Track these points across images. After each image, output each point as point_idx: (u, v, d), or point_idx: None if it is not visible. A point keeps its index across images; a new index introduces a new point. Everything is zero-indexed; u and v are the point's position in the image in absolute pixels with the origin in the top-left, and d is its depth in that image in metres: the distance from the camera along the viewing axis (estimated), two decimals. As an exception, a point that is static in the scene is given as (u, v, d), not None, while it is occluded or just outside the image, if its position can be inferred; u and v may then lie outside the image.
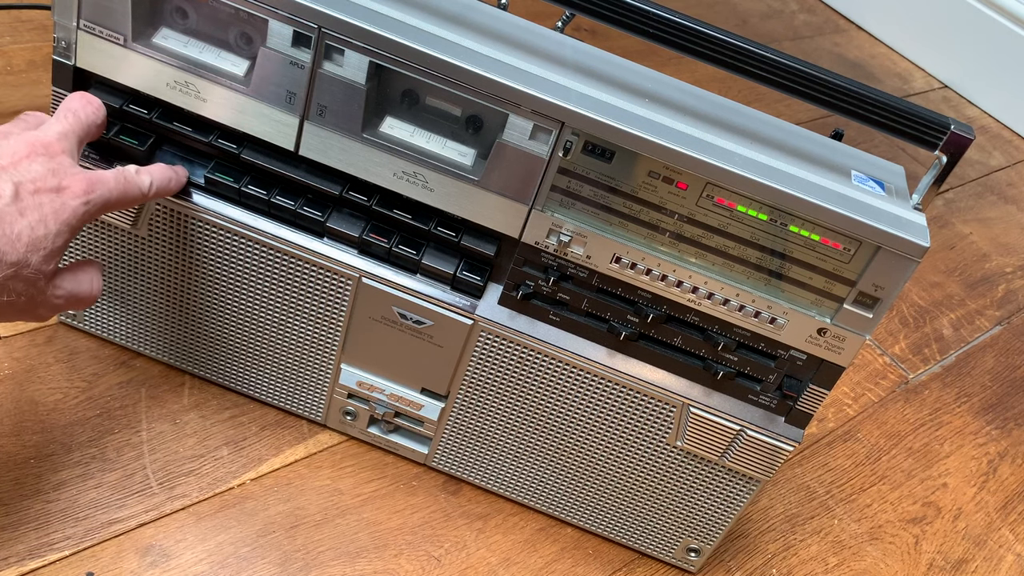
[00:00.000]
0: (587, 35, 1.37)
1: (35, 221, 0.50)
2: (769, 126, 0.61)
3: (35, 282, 0.51)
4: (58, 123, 0.56)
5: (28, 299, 0.52)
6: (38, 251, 0.50)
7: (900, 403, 0.99)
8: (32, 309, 0.53)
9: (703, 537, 0.72)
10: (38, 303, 0.53)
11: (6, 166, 0.51)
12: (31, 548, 0.62)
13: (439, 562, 0.70)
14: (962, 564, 0.85)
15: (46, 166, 0.52)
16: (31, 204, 0.50)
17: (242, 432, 0.73)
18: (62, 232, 0.52)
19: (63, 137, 0.55)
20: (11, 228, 0.49)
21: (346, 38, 0.55)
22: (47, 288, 0.53)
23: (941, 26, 1.68)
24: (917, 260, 0.56)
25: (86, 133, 0.57)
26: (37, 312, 0.54)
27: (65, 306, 0.56)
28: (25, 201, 0.50)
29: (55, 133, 0.55)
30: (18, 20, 1.02)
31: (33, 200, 0.51)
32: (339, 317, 0.67)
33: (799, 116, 1.39)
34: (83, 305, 0.57)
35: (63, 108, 0.57)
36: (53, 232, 0.51)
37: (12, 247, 0.49)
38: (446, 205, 0.61)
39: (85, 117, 0.57)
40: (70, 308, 0.57)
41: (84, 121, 0.57)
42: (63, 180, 0.52)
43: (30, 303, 0.52)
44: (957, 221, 1.32)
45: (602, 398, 0.66)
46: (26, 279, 0.51)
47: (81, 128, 0.56)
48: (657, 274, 0.60)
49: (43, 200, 0.51)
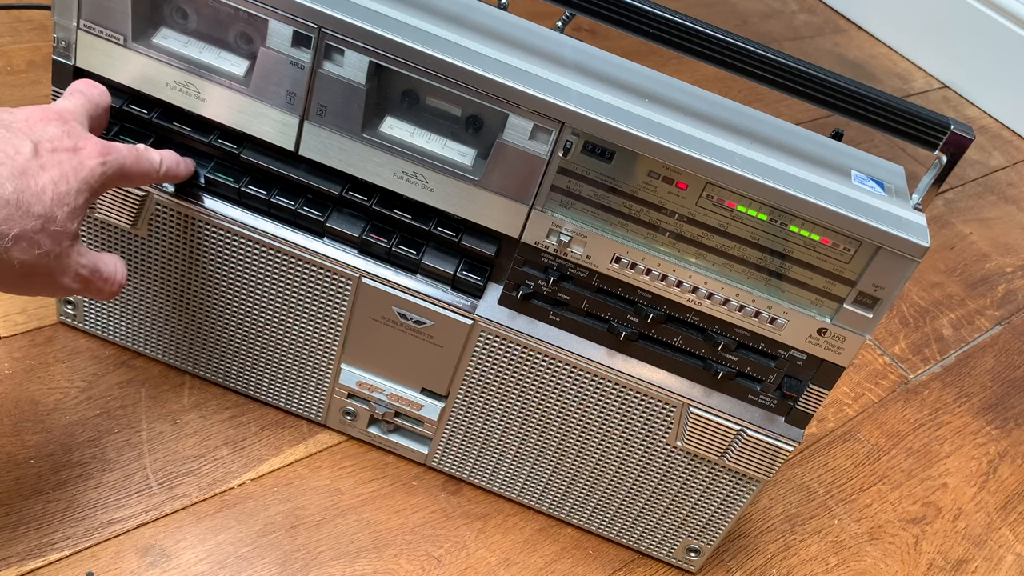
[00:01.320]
0: (587, 35, 1.37)
1: (57, 176, 0.51)
2: (769, 126, 0.61)
3: (60, 240, 0.51)
4: (66, 100, 0.57)
5: (55, 259, 0.52)
6: (63, 206, 0.51)
7: (900, 403, 0.99)
8: (57, 275, 0.53)
9: (703, 537, 0.72)
10: (63, 267, 0.53)
11: (22, 127, 0.51)
12: (31, 548, 0.62)
13: (439, 562, 0.70)
14: (962, 564, 0.85)
15: (61, 128, 0.53)
16: (51, 160, 0.51)
17: (242, 432, 0.73)
18: (82, 190, 0.52)
19: (74, 109, 0.56)
20: (35, 181, 0.50)
21: (346, 38, 0.55)
22: (72, 251, 0.53)
23: (941, 26, 1.68)
24: (917, 260, 0.56)
25: (95, 110, 0.58)
26: (61, 281, 0.53)
27: (89, 280, 0.55)
28: (45, 157, 0.51)
29: (64, 105, 0.56)
30: (18, 20, 1.02)
31: (52, 157, 0.51)
32: (339, 317, 0.67)
33: (799, 116, 1.39)
34: (106, 287, 0.57)
35: (70, 89, 0.58)
36: (75, 188, 0.52)
37: (38, 199, 0.50)
38: (446, 205, 0.61)
39: (92, 96, 0.58)
40: (92, 288, 0.56)
41: (92, 99, 0.58)
42: (78, 142, 0.53)
43: (57, 266, 0.52)
44: (957, 221, 1.32)
45: (602, 398, 0.66)
46: (52, 234, 0.51)
47: (90, 104, 0.57)
48: (657, 274, 0.60)
49: (62, 158, 0.52)
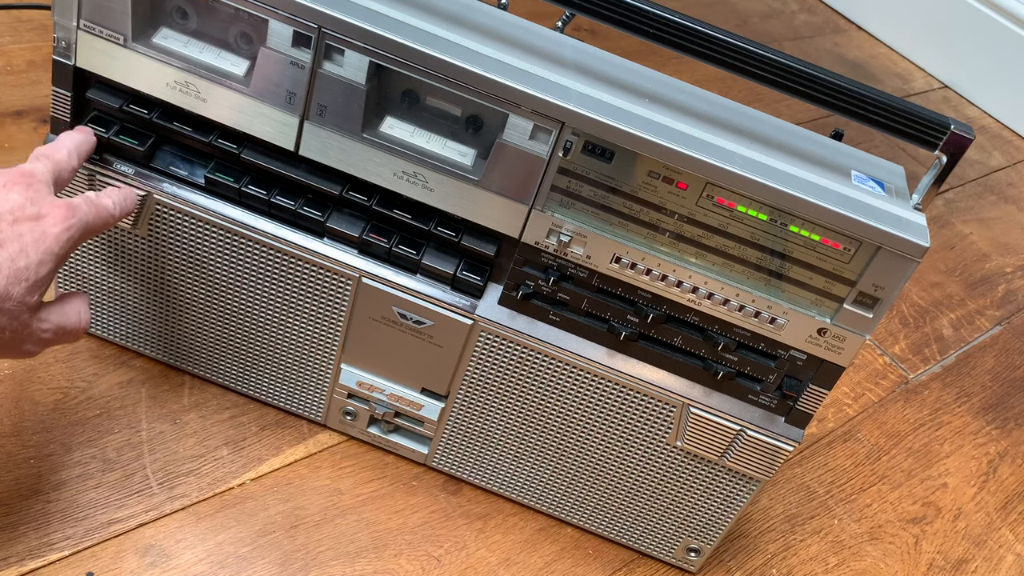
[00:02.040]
0: (587, 35, 1.37)
1: (15, 252, 0.49)
2: (769, 126, 0.61)
3: (18, 315, 0.50)
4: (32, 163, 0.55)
5: (12, 333, 0.51)
6: (20, 282, 0.50)
7: (900, 403, 0.99)
8: (17, 344, 0.52)
9: (703, 537, 0.72)
10: (23, 338, 0.52)
11: None
12: (31, 548, 0.62)
13: (439, 562, 0.70)
14: (962, 564, 0.85)
15: (24, 195, 0.51)
16: (10, 235, 0.50)
17: (242, 432, 0.73)
18: (45, 261, 0.51)
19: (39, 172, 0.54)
20: None
21: (346, 38, 0.55)
22: (32, 321, 0.52)
23: (941, 26, 1.68)
24: (917, 260, 0.56)
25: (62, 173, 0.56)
26: (23, 348, 0.53)
27: (53, 340, 0.55)
28: (4, 232, 0.50)
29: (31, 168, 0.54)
30: (18, 20, 1.02)
31: (12, 230, 0.50)
32: (339, 317, 0.67)
33: (799, 116, 1.39)
34: (71, 338, 0.56)
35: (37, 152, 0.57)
36: (35, 262, 0.50)
37: None
38: (446, 205, 0.61)
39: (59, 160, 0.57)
40: (58, 342, 0.56)
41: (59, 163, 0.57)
42: (42, 208, 0.52)
43: (15, 338, 0.51)
44: (957, 221, 1.32)
45: (602, 398, 0.66)
46: (9, 312, 0.50)
47: (56, 168, 0.56)
48: (657, 274, 0.60)
49: (23, 230, 0.50)
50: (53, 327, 0.54)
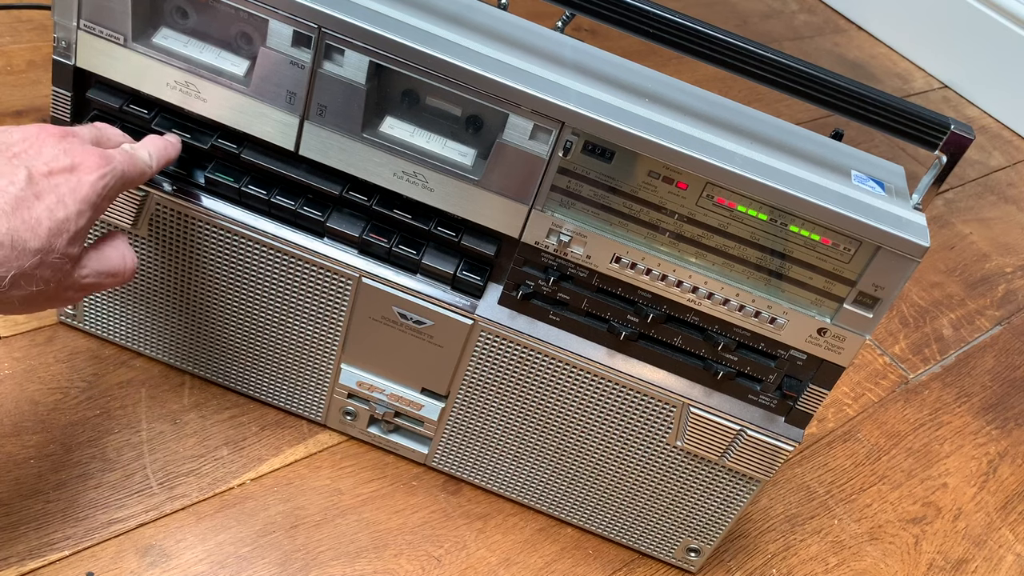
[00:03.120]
0: (587, 35, 1.37)
1: (53, 203, 0.49)
2: (769, 126, 0.61)
3: (61, 267, 0.50)
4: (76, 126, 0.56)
5: (57, 284, 0.51)
6: (61, 235, 0.49)
7: (900, 403, 0.99)
8: (61, 293, 0.52)
9: (703, 537, 0.72)
10: (66, 287, 0.52)
11: (19, 153, 0.50)
12: (31, 548, 0.62)
13: (439, 562, 0.70)
14: (962, 564, 0.85)
15: (57, 147, 0.52)
16: (46, 187, 0.50)
17: (242, 432, 0.73)
18: (83, 211, 0.51)
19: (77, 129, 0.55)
20: (30, 214, 0.48)
21: (346, 38, 0.55)
22: (74, 271, 0.52)
23: (941, 26, 1.68)
24: (917, 260, 0.56)
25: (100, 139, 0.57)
26: (66, 296, 0.53)
27: (96, 285, 0.54)
28: (40, 184, 0.49)
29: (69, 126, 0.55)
30: (18, 20, 1.02)
31: (48, 182, 0.50)
32: (339, 317, 0.67)
33: (799, 116, 1.39)
34: (118, 280, 0.56)
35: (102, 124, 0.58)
36: (74, 212, 0.50)
37: (34, 233, 0.48)
38: (446, 205, 0.61)
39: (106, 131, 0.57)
40: (104, 286, 0.55)
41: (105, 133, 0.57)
42: (75, 158, 0.52)
43: (59, 287, 0.51)
44: (957, 221, 1.32)
45: (602, 398, 0.66)
46: (52, 265, 0.50)
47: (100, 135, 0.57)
48: (657, 274, 0.60)
49: (58, 181, 0.50)
50: (94, 273, 0.54)
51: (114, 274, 0.56)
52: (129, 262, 0.57)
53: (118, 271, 0.56)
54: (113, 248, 0.56)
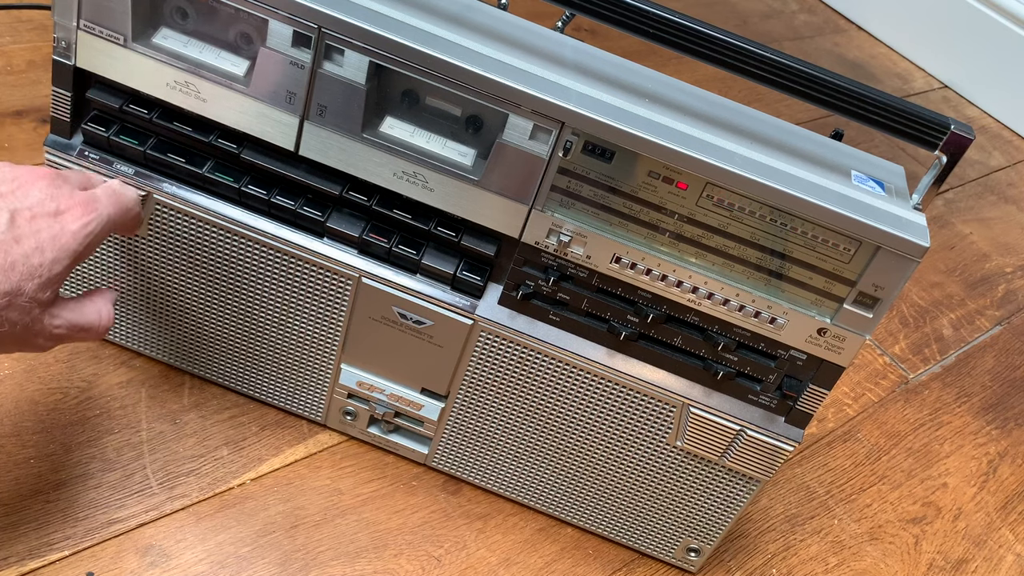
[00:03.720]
0: (587, 35, 1.38)
1: (31, 249, 0.50)
2: (769, 126, 0.61)
3: (29, 311, 0.50)
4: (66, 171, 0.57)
5: (24, 328, 0.51)
6: (32, 279, 0.50)
7: (900, 403, 0.99)
8: (29, 339, 0.52)
9: (703, 537, 0.72)
10: (35, 332, 0.52)
11: (5, 193, 0.50)
12: (31, 548, 0.62)
13: (439, 562, 0.70)
14: (962, 564, 0.85)
15: (46, 191, 0.52)
16: (27, 231, 0.50)
17: (242, 432, 0.73)
18: (60, 259, 0.51)
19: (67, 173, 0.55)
20: (5, 257, 0.48)
21: (346, 38, 0.55)
22: (43, 317, 0.52)
23: (941, 26, 1.68)
24: (917, 260, 0.56)
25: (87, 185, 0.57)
26: (35, 342, 0.53)
27: (67, 337, 0.54)
28: (22, 228, 0.50)
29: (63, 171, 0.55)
30: (18, 20, 1.02)
31: (30, 227, 0.50)
32: (339, 317, 0.67)
33: (799, 116, 1.39)
34: (91, 336, 0.56)
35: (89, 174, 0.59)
36: (50, 259, 0.50)
37: (5, 276, 0.48)
38: (446, 205, 0.61)
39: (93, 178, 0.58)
40: (75, 339, 0.55)
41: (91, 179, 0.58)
42: (61, 203, 0.52)
43: (26, 332, 0.51)
44: (957, 221, 1.32)
45: (602, 398, 0.66)
46: (20, 308, 0.50)
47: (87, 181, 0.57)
48: (657, 274, 0.60)
49: (40, 226, 0.50)
50: (66, 324, 0.54)
51: (86, 329, 0.55)
52: (104, 319, 0.56)
53: (91, 326, 0.56)
54: (92, 303, 0.56)
